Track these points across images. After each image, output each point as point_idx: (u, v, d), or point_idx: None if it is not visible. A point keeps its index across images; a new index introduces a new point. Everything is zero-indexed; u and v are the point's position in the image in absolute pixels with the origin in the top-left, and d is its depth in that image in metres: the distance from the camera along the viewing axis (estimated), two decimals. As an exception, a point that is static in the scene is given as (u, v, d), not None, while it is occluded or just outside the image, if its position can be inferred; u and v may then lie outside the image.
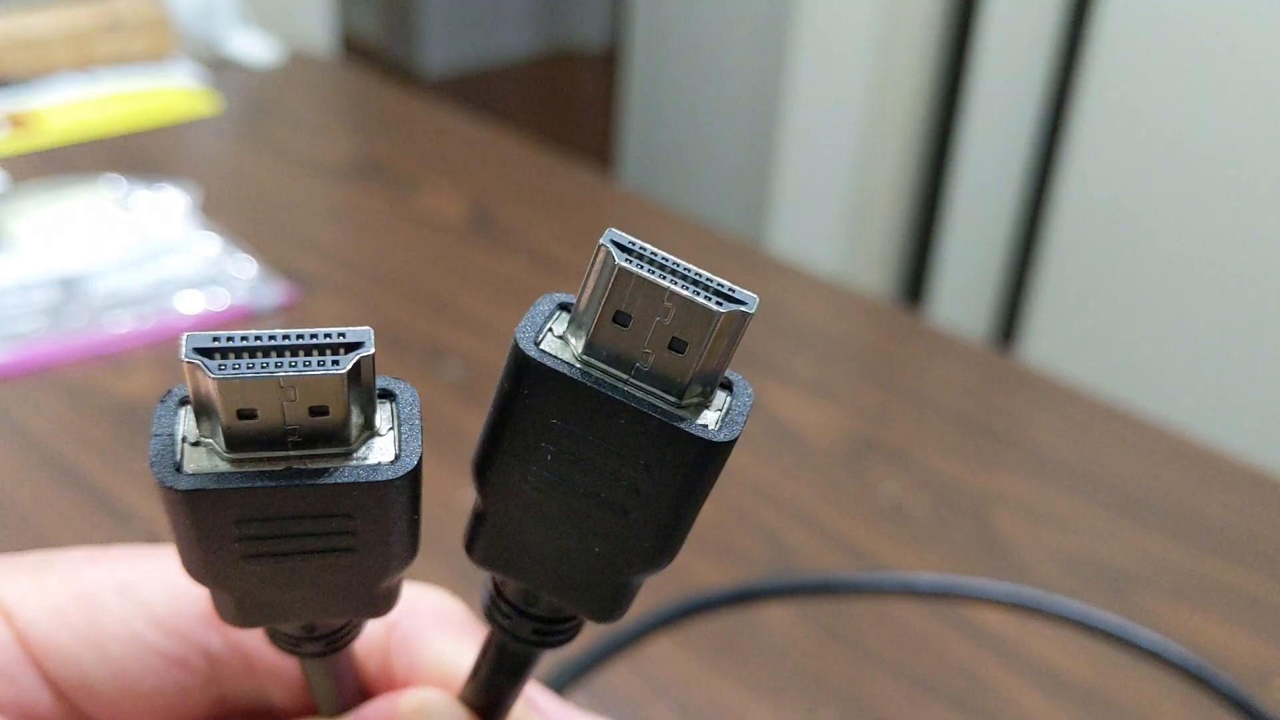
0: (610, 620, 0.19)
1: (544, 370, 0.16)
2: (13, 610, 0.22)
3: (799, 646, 0.41)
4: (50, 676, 0.22)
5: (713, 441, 0.16)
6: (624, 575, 0.18)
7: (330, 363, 0.15)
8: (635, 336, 0.16)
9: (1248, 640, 0.43)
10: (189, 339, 0.15)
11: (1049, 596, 0.44)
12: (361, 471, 0.16)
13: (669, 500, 0.17)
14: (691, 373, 0.16)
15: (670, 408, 0.16)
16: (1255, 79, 1.19)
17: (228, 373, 0.15)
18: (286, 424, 0.15)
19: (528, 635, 0.20)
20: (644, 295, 0.15)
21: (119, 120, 0.78)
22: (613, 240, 0.15)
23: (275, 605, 0.18)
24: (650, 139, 1.86)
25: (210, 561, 0.17)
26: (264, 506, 0.16)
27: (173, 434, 0.16)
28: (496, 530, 0.18)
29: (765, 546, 0.45)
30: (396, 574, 0.18)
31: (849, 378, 0.58)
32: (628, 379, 0.16)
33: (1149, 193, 1.30)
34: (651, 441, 0.16)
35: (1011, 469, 0.52)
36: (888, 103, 1.45)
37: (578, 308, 0.16)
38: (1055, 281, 1.42)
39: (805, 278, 0.68)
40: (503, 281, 0.63)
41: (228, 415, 0.15)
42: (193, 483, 0.15)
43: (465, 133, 0.83)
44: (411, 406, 0.17)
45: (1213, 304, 1.28)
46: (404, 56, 2.83)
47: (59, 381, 0.52)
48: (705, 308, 0.15)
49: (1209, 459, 0.53)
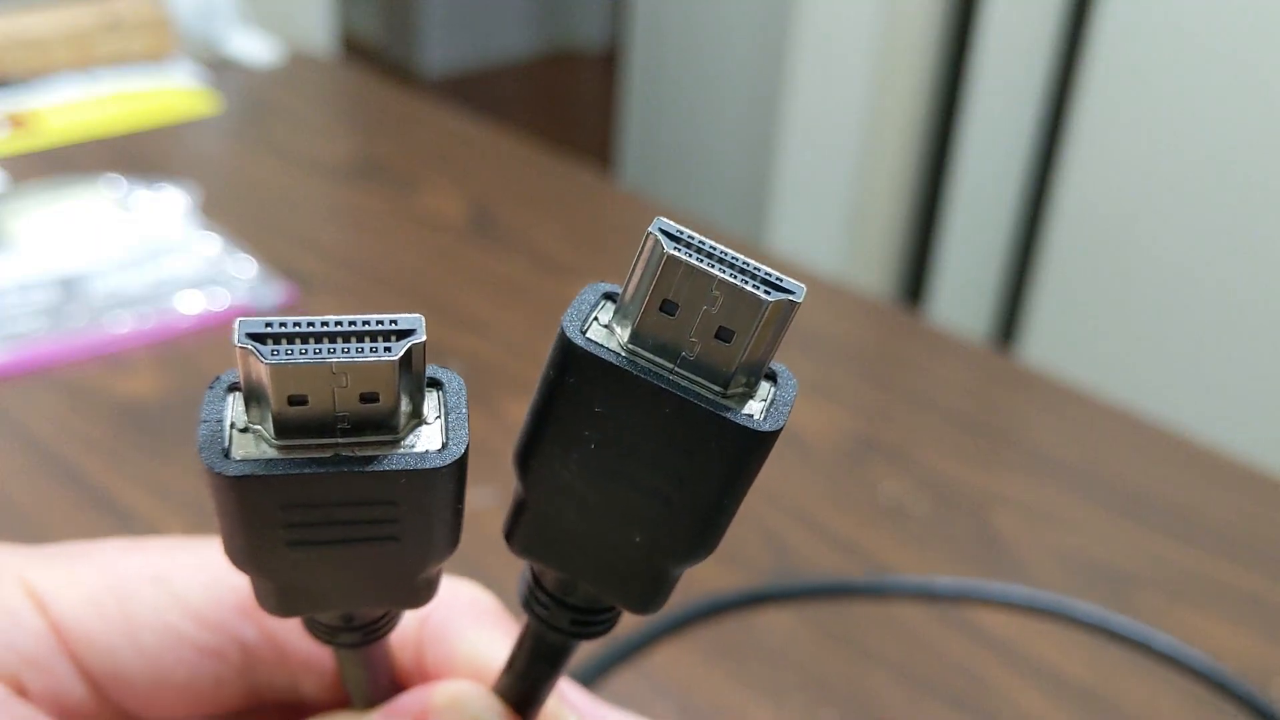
0: (648, 612, 0.19)
1: (590, 358, 0.16)
2: (48, 600, 0.22)
3: (799, 647, 0.41)
4: (84, 667, 0.22)
5: (758, 431, 0.16)
6: (664, 565, 0.18)
7: (383, 349, 0.15)
8: (682, 325, 0.16)
9: (1248, 640, 0.43)
10: (242, 324, 0.15)
11: (1056, 599, 0.44)
12: (409, 459, 0.16)
13: (712, 489, 0.17)
14: (738, 362, 0.16)
15: (716, 397, 0.16)
16: (1255, 79, 1.19)
17: (280, 358, 0.15)
18: (336, 410, 0.15)
19: (565, 625, 0.20)
20: (692, 283, 0.15)
21: (119, 120, 0.78)
22: (661, 228, 0.15)
23: (316, 594, 0.18)
24: (650, 139, 1.86)
25: (255, 548, 0.16)
26: (311, 493, 0.16)
27: (221, 419, 0.16)
28: (537, 519, 0.18)
29: (765, 546, 0.45)
30: (437, 564, 0.18)
31: (849, 378, 0.58)
32: (673, 368, 0.16)
33: (1149, 193, 1.30)
34: (696, 430, 0.16)
35: (1011, 469, 0.52)
36: (888, 103, 1.45)
37: (624, 296, 0.16)
38: (1055, 281, 1.42)
39: (805, 278, 0.68)
40: (503, 281, 0.63)
41: (279, 401, 0.15)
42: (241, 469, 0.15)
43: (465, 133, 0.83)
44: (458, 395, 0.17)
45: (1212, 304, 1.28)
46: (404, 56, 2.83)
47: (59, 381, 0.52)
48: (754, 296, 0.15)
49: (1209, 459, 0.53)
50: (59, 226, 0.62)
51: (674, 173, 1.82)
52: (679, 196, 1.78)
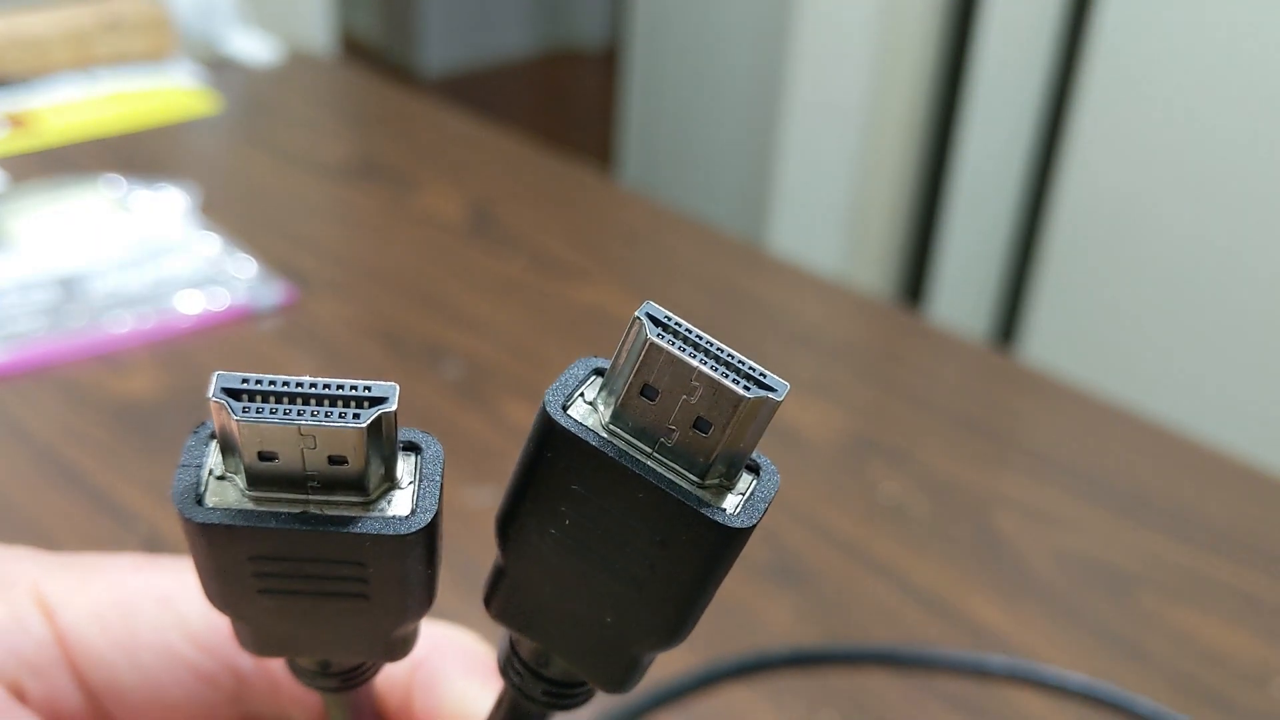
0: (618, 692, 0.19)
1: (567, 436, 0.16)
2: (56, 610, 0.23)
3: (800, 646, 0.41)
4: (83, 678, 0.23)
5: (729, 527, 0.16)
6: (633, 649, 0.18)
7: (351, 415, 0.15)
8: (662, 411, 0.16)
9: (1248, 640, 0.43)
10: (219, 378, 0.15)
11: (1115, 691, 0.43)
12: (375, 524, 0.16)
13: (682, 580, 0.16)
14: (715, 454, 0.16)
15: (691, 487, 0.16)
16: (1255, 78, 1.19)
17: (250, 416, 0.15)
18: (306, 469, 0.16)
19: (538, 695, 0.20)
20: (673, 372, 0.15)
21: (119, 120, 0.78)
22: (648, 314, 0.15)
23: (290, 639, 0.18)
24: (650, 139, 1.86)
25: (226, 593, 0.17)
26: (278, 546, 0.16)
27: (200, 465, 0.16)
28: (513, 587, 0.18)
29: (765, 546, 0.45)
30: (411, 623, 0.18)
31: (849, 378, 0.58)
32: (651, 453, 0.16)
33: (1149, 192, 1.30)
34: (668, 519, 0.16)
35: (1011, 469, 0.52)
36: (888, 103, 1.45)
37: (609, 376, 0.16)
38: (1055, 281, 1.42)
39: (805, 277, 0.68)
40: (502, 281, 0.63)
41: (249, 455, 0.16)
42: (209, 516, 0.16)
43: (465, 133, 0.83)
44: (434, 463, 0.17)
45: (1213, 304, 1.28)
46: (404, 56, 2.83)
47: (59, 381, 0.52)
48: (731, 391, 0.15)
49: (1209, 459, 0.53)
50: (59, 226, 0.62)
51: (674, 173, 1.82)
52: (679, 196, 1.78)
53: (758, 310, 0.64)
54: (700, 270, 0.67)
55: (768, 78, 1.57)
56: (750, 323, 0.62)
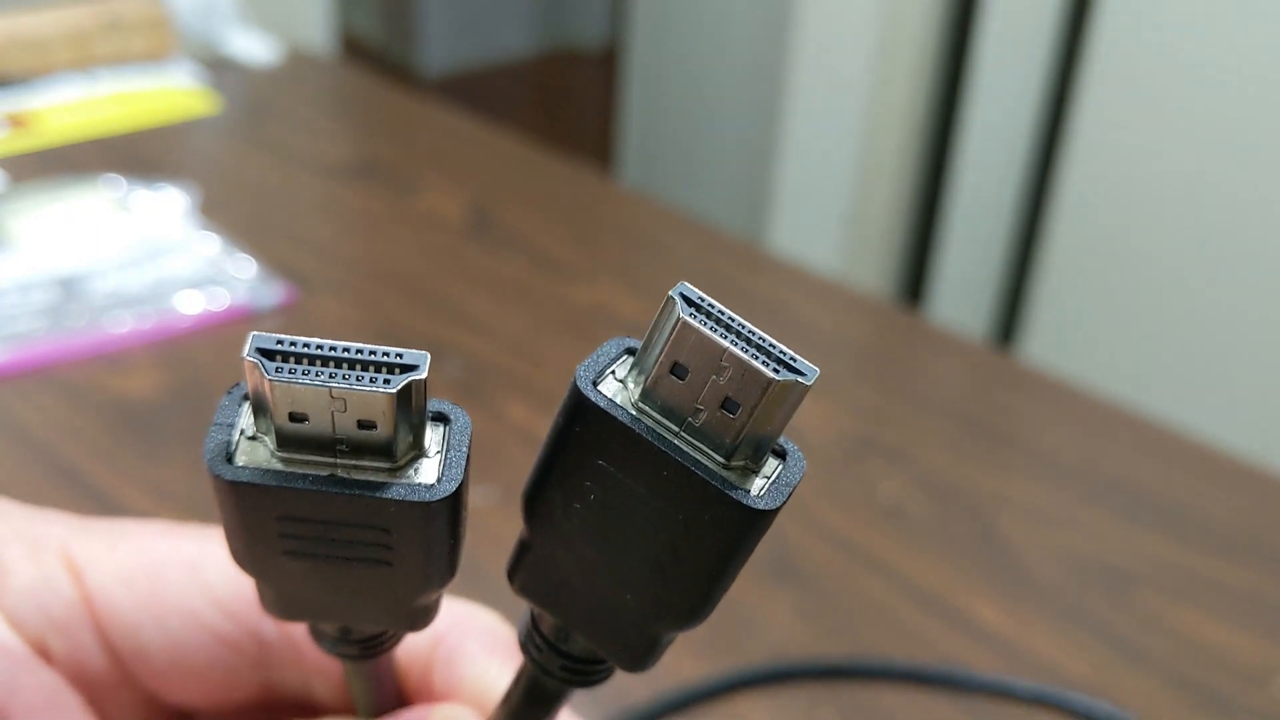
0: (636, 671, 0.19)
1: (596, 411, 0.16)
2: (84, 571, 0.23)
3: (799, 646, 0.41)
4: (108, 640, 0.23)
5: (752, 508, 0.16)
6: (653, 628, 0.18)
7: (382, 381, 0.16)
8: (691, 391, 0.16)
9: (1248, 640, 0.43)
10: (254, 338, 0.16)
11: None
12: (400, 490, 0.16)
13: (704, 561, 0.16)
14: (741, 435, 0.16)
15: (716, 467, 0.16)
16: (1256, 78, 1.19)
17: (283, 376, 0.15)
18: (335, 433, 0.16)
19: (556, 671, 0.20)
20: (703, 351, 0.15)
21: (119, 120, 0.78)
22: (682, 293, 0.15)
23: (313, 604, 0.19)
24: (650, 139, 1.86)
25: (252, 552, 0.17)
26: (304, 508, 0.16)
27: (232, 425, 0.16)
28: (537, 563, 0.18)
29: (765, 546, 0.45)
30: (433, 592, 0.18)
31: (849, 377, 0.58)
32: (679, 432, 0.16)
33: (1148, 193, 1.30)
34: (692, 499, 0.16)
35: (1011, 469, 0.52)
36: (888, 103, 1.45)
37: (641, 354, 0.16)
38: (1055, 281, 1.42)
39: (805, 277, 0.68)
40: (502, 281, 0.63)
41: (280, 416, 0.16)
42: (238, 474, 0.16)
43: (465, 133, 0.83)
44: (462, 434, 0.17)
45: (1213, 304, 1.28)
46: (404, 56, 2.83)
47: (59, 381, 0.52)
48: (760, 373, 0.15)
49: (1209, 459, 0.53)
50: (59, 226, 0.62)
51: (674, 173, 1.82)
52: (679, 196, 1.78)
53: (758, 310, 0.64)
54: (700, 270, 0.67)
55: (768, 78, 1.57)
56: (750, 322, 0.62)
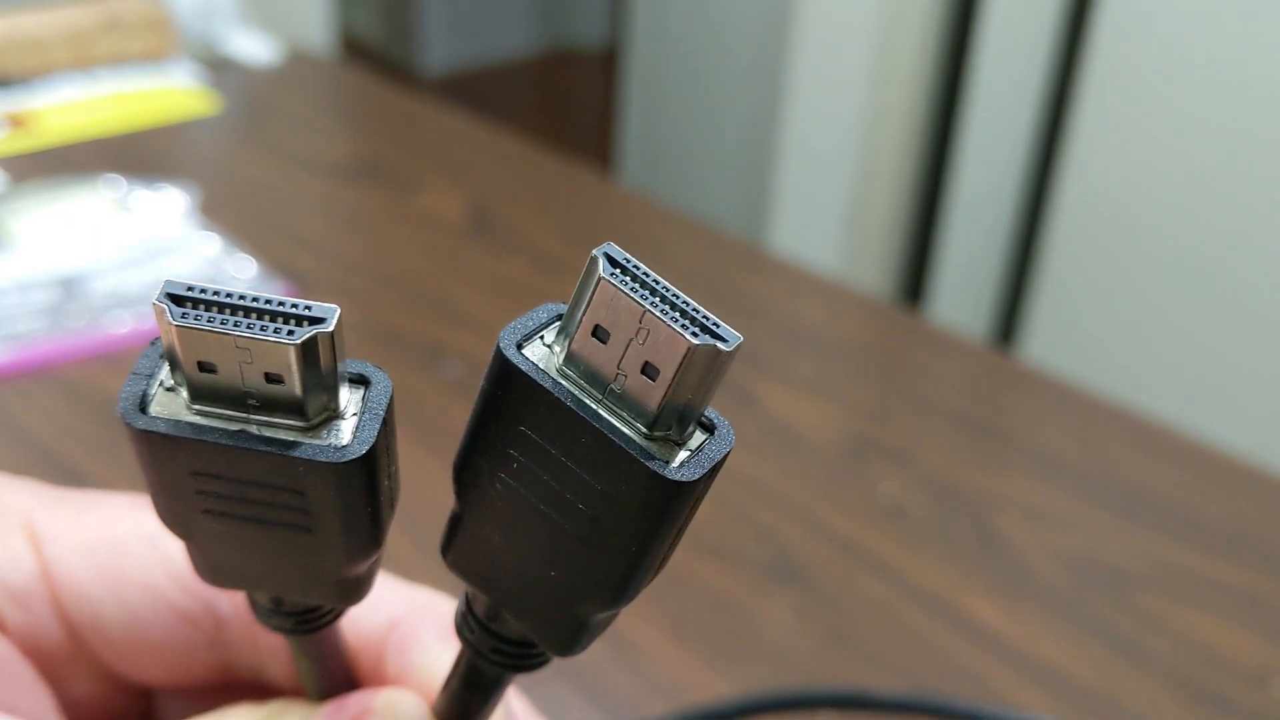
0: (564, 655, 0.18)
1: (517, 373, 0.15)
2: (45, 542, 0.23)
3: (799, 647, 0.41)
4: (65, 612, 0.23)
5: (668, 479, 0.15)
6: (577, 608, 0.17)
7: (286, 332, 0.15)
8: (611, 355, 0.15)
9: (1248, 640, 0.43)
10: (166, 283, 0.15)
11: None
12: (310, 449, 0.16)
13: (624, 536, 0.16)
14: (661, 403, 0.15)
15: (636, 436, 0.15)
16: (1256, 79, 1.19)
17: (188, 322, 0.15)
18: (245, 385, 0.15)
19: (488, 654, 0.19)
20: (623, 313, 0.15)
21: (119, 120, 0.78)
22: (605, 253, 0.15)
23: (239, 569, 0.18)
24: (650, 139, 1.86)
25: (173, 509, 0.17)
26: (216, 463, 0.16)
27: (151, 375, 0.16)
28: (467, 537, 0.18)
29: (765, 546, 0.45)
30: (357, 563, 0.18)
31: (849, 378, 0.58)
32: (601, 399, 0.15)
33: (1149, 193, 1.30)
34: (610, 468, 0.15)
35: (1011, 469, 0.52)
36: (888, 103, 1.45)
37: (566, 317, 0.16)
38: (1055, 281, 1.42)
39: (805, 278, 0.68)
40: (502, 281, 0.63)
41: (189, 365, 0.15)
42: (148, 424, 0.16)
43: (465, 133, 0.83)
44: (381, 396, 0.17)
45: (1213, 304, 1.28)
46: (404, 56, 2.83)
47: (59, 381, 0.52)
48: (677, 336, 0.14)
49: (1209, 459, 0.53)
50: (59, 226, 0.62)
51: (674, 173, 1.82)
52: (679, 196, 1.78)
53: (758, 310, 0.63)
54: (700, 270, 0.67)
55: (768, 78, 1.57)
56: (750, 323, 0.62)
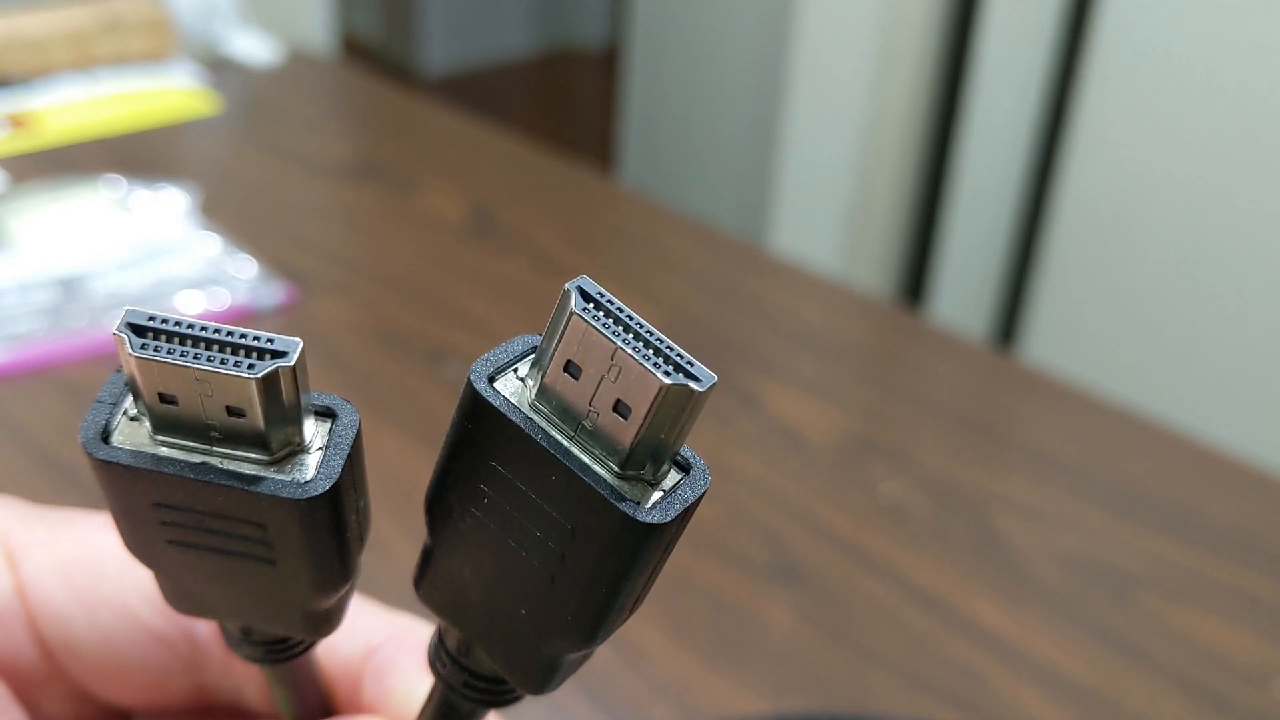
0: (535, 693, 0.18)
1: (487, 408, 0.15)
2: (20, 561, 0.22)
3: (799, 647, 0.41)
4: (39, 632, 0.22)
5: (638, 521, 0.15)
6: (546, 647, 0.17)
7: (246, 366, 0.15)
8: (584, 391, 0.15)
9: (1248, 640, 0.43)
10: (127, 313, 0.15)
11: None
12: (272, 484, 0.15)
13: (594, 577, 0.15)
14: (633, 441, 0.15)
15: (607, 474, 0.15)
16: (1256, 78, 1.19)
17: (147, 353, 0.15)
18: (206, 418, 0.15)
19: (459, 687, 0.19)
20: (595, 350, 0.15)
21: (119, 120, 0.78)
22: (579, 286, 0.15)
23: (206, 599, 0.18)
24: (650, 139, 1.85)
25: (137, 539, 0.17)
26: (177, 494, 0.16)
27: (115, 403, 0.16)
28: (438, 570, 0.17)
29: (765, 546, 0.45)
30: (324, 597, 0.17)
31: (849, 378, 0.58)
32: (573, 435, 0.15)
33: (1149, 193, 1.30)
34: (579, 507, 0.15)
35: (1011, 469, 0.52)
36: (888, 103, 1.45)
37: (540, 350, 0.15)
38: (1055, 281, 1.42)
39: (805, 278, 0.68)
40: (503, 281, 0.63)
41: (149, 395, 0.15)
42: (109, 454, 0.16)
43: (465, 133, 0.83)
44: (348, 430, 0.16)
45: (1213, 304, 1.28)
46: (404, 56, 2.83)
47: (59, 381, 0.52)
48: (649, 374, 0.14)
49: (1209, 459, 0.53)
50: (59, 226, 0.62)
51: (674, 173, 1.82)
52: (679, 196, 1.78)
53: (758, 310, 0.64)
54: (700, 270, 0.67)
55: (768, 78, 1.57)
56: (750, 323, 0.62)
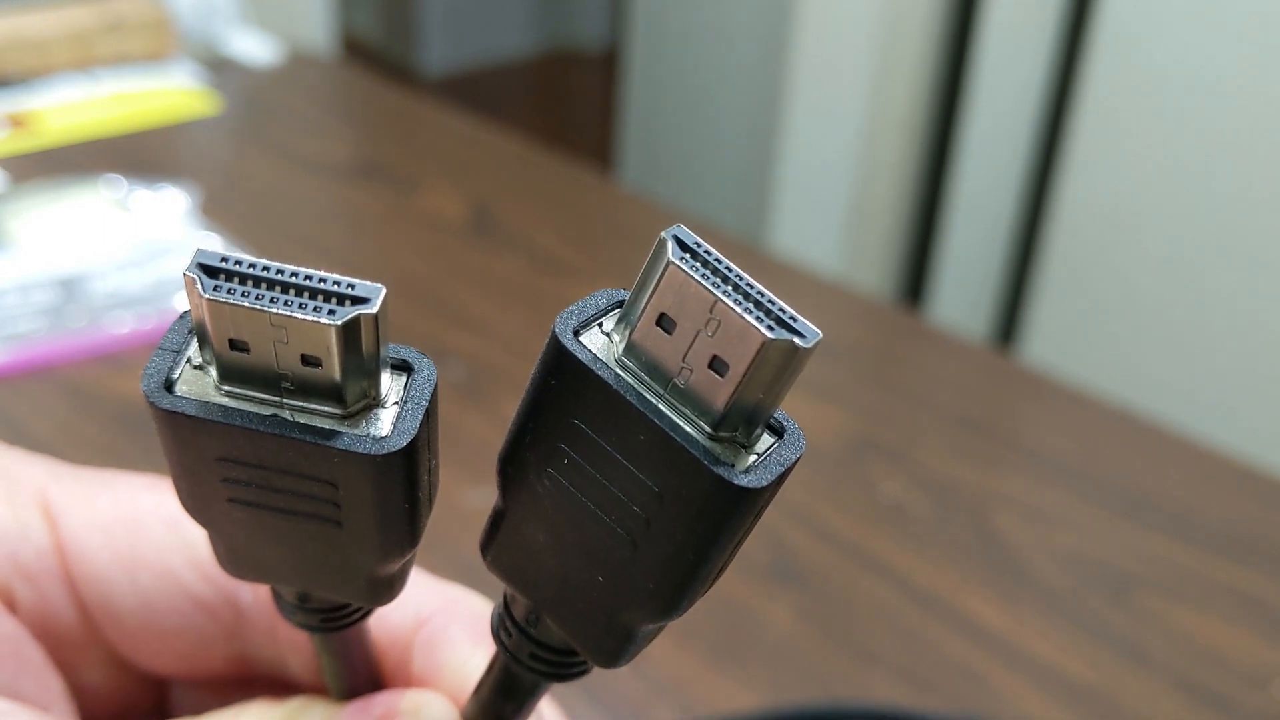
0: (608, 666, 0.17)
1: (573, 363, 0.14)
2: (60, 519, 0.22)
3: (800, 646, 0.41)
4: (78, 593, 0.22)
5: (733, 484, 0.14)
6: (624, 616, 0.16)
7: (326, 312, 0.14)
8: (677, 347, 0.14)
9: (1248, 640, 0.43)
10: (199, 252, 0.14)
11: None
12: (348, 440, 0.14)
13: (678, 542, 0.14)
14: (730, 401, 0.14)
15: (699, 436, 0.14)
16: (1256, 79, 1.19)
17: (220, 295, 0.14)
18: (279, 367, 0.14)
19: (525, 659, 0.18)
20: (692, 302, 0.14)
21: (119, 120, 0.78)
22: (675, 235, 0.14)
23: (264, 562, 0.17)
24: (650, 139, 1.85)
25: (196, 496, 0.16)
26: (244, 449, 0.15)
27: (179, 351, 0.15)
28: (510, 535, 0.16)
29: (765, 546, 0.45)
30: (390, 561, 0.16)
31: (849, 378, 0.58)
32: (663, 393, 0.14)
33: (1149, 193, 1.30)
34: (669, 469, 0.14)
35: (1011, 469, 0.52)
36: (888, 103, 1.45)
37: (629, 303, 0.15)
38: (1055, 281, 1.42)
39: (805, 278, 0.68)
40: (503, 281, 0.63)
41: (219, 342, 0.14)
42: (173, 404, 0.14)
43: (465, 133, 0.83)
44: (425, 384, 0.15)
45: (1213, 304, 1.28)
46: (404, 56, 2.83)
47: (59, 381, 0.52)
48: (751, 329, 0.13)
49: (1209, 459, 0.53)
50: (59, 227, 0.62)
51: (674, 173, 1.82)
52: (679, 196, 1.78)
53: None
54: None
55: (768, 78, 1.57)
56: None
